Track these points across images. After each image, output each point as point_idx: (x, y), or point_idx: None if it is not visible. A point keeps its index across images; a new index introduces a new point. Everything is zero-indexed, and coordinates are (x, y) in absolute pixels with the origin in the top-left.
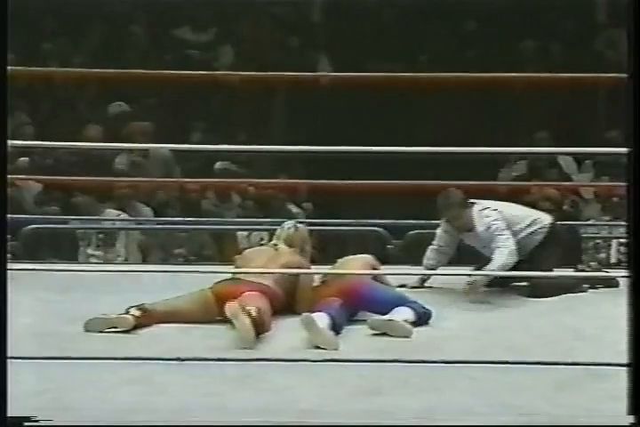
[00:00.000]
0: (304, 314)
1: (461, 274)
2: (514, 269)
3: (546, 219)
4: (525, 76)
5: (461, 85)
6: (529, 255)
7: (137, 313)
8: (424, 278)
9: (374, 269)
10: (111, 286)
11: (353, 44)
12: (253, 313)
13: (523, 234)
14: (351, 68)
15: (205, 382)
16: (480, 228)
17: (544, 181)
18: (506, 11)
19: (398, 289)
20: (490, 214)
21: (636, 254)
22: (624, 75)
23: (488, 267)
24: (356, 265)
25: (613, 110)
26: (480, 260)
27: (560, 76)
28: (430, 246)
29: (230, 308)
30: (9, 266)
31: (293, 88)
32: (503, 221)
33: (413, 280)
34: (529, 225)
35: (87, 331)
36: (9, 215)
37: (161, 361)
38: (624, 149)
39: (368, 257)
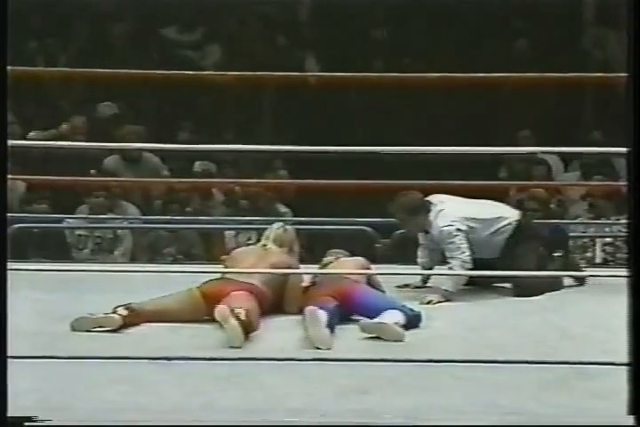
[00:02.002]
0: (309, 308)
1: (448, 274)
2: (492, 268)
3: (512, 215)
4: (513, 77)
5: (450, 85)
6: (501, 253)
7: (124, 312)
8: (425, 278)
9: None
10: (99, 285)
11: (341, 44)
12: (242, 317)
13: (486, 232)
14: (339, 67)
15: (194, 381)
16: (434, 231)
17: (530, 180)
18: (498, 10)
19: (397, 290)
20: (445, 216)
21: (636, 254)
22: (611, 74)
23: (444, 283)
24: (348, 267)
25: (599, 110)
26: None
27: (547, 76)
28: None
29: (220, 312)
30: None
31: (281, 87)
32: (459, 223)
33: (416, 280)
34: (492, 223)
35: (74, 330)
36: None
37: (149, 360)
38: (623, 149)
39: (361, 259)
